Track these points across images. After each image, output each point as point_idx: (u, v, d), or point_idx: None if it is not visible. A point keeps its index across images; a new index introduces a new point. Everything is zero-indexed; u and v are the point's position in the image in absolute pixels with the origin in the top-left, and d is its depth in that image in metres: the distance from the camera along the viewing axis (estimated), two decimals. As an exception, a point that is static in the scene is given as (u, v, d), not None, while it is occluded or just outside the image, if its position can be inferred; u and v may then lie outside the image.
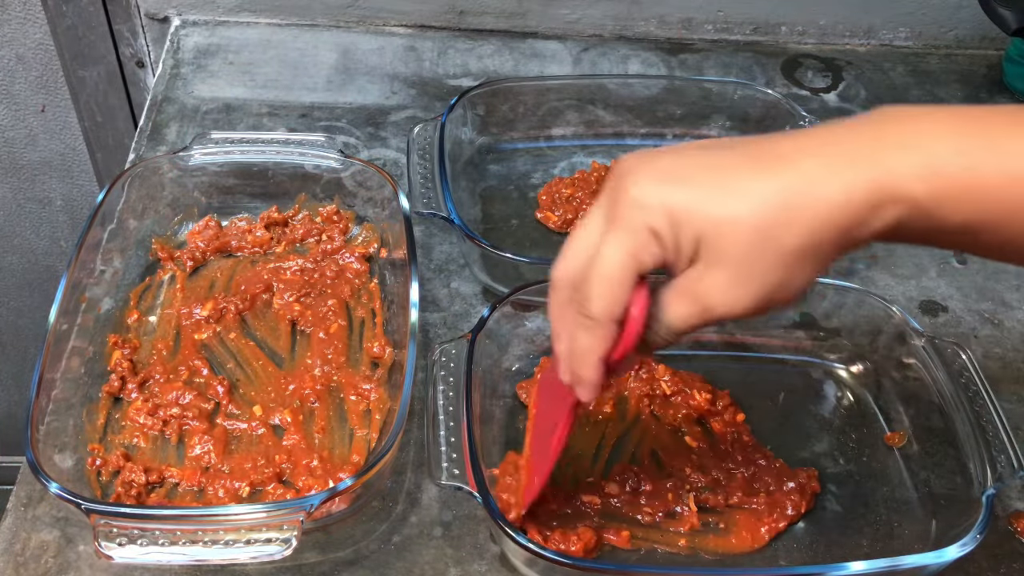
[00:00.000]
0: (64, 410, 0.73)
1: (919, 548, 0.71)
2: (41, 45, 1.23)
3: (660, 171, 0.51)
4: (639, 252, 0.51)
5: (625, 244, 0.51)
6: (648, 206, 0.50)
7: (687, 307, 0.52)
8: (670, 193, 0.50)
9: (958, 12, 1.22)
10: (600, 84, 1.06)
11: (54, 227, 1.43)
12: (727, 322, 0.53)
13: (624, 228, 0.51)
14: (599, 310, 0.53)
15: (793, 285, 0.50)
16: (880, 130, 0.49)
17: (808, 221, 0.48)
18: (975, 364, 0.75)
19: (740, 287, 0.50)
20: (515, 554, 0.67)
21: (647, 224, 0.50)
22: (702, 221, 0.49)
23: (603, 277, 0.52)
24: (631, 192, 0.51)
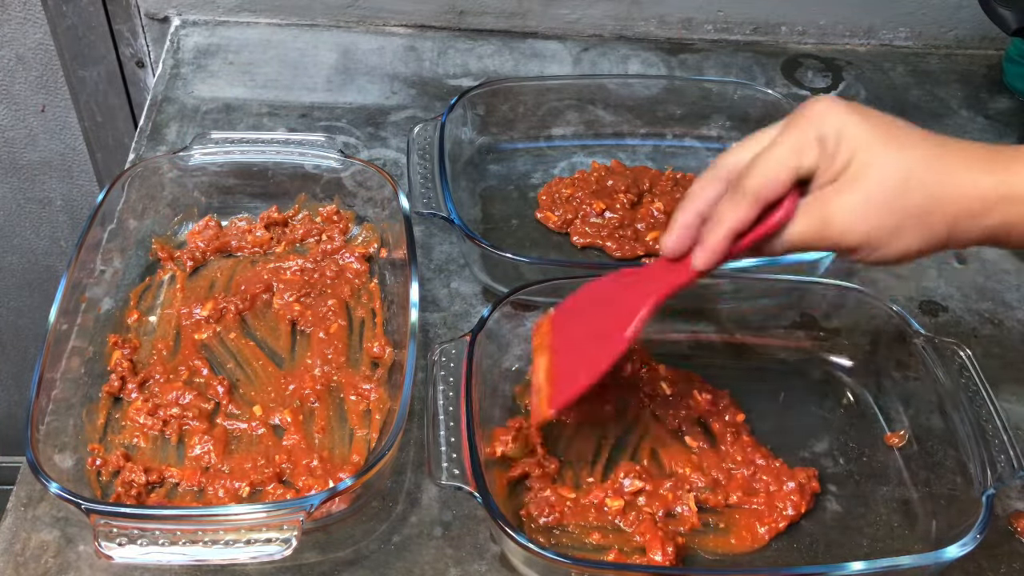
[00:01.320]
0: (64, 410, 0.73)
1: (919, 548, 0.71)
2: (41, 45, 1.23)
3: (849, 104, 0.60)
4: (802, 150, 0.59)
5: (793, 141, 0.59)
6: (824, 120, 0.58)
7: (810, 219, 0.59)
8: (847, 117, 0.58)
9: (958, 12, 1.22)
10: (600, 84, 1.06)
11: (54, 227, 1.43)
12: (836, 249, 0.61)
13: (797, 129, 0.59)
14: (752, 186, 0.60)
15: (897, 242, 0.58)
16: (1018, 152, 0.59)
17: (939, 189, 0.57)
18: (975, 364, 0.75)
19: (862, 214, 0.58)
20: (515, 554, 0.67)
21: (817, 130, 0.58)
22: (863, 147, 0.57)
23: (767, 160, 0.60)
24: (815, 108, 0.59)
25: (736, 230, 0.61)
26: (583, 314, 0.71)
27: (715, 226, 0.62)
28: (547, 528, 0.71)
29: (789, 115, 0.61)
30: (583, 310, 0.72)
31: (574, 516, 0.72)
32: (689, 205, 0.64)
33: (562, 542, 0.71)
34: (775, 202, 0.60)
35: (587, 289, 0.73)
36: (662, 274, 0.66)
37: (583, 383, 0.67)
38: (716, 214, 0.62)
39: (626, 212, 0.95)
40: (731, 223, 0.61)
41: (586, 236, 0.93)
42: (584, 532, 0.71)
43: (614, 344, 0.66)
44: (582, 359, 0.68)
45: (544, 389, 0.70)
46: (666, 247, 0.65)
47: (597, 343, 0.68)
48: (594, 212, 0.95)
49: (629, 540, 0.70)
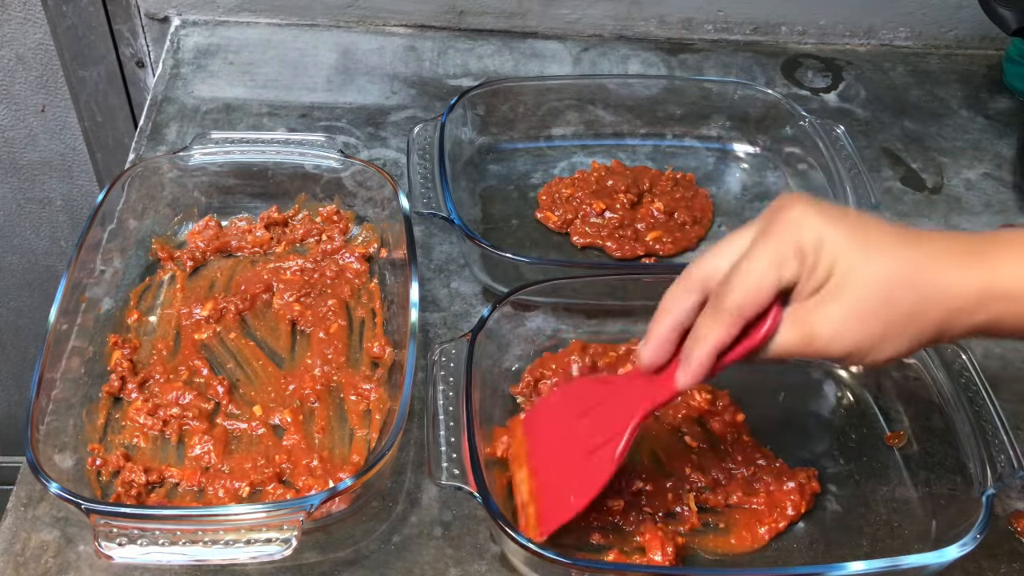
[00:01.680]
0: (64, 410, 0.73)
1: (919, 548, 0.71)
2: (41, 45, 1.23)
3: (823, 209, 0.58)
4: (781, 263, 0.57)
5: (772, 253, 0.57)
6: (802, 227, 0.57)
7: (794, 332, 0.58)
8: (825, 225, 0.57)
9: (958, 12, 1.22)
10: (600, 84, 1.06)
11: (54, 227, 1.43)
12: (820, 359, 0.61)
13: (775, 239, 0.57)
14: (734, 304, 0.58)
15: (886, 346, 0.57)
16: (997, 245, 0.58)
17: (924, 291, 0.56)
18: (975, 364, 0.75)
19: (848, 326, 0.56)
20: (515, 554, 0.67)
21: (796, 240, 0.57)
22: (843, 256, 0.56)
23: (748, 275, 0.58)
24: (792, 213, 0.57)
25: (719, 348, 0.59)
26: (559, 427, 0.69)
27: (697, 345, 0.60)
28: (547, 528, 0.71)
29: (762, 217, 0.60)
30: (558, 422, 0.70)
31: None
32: (665, 317, 0.62)
33: (562, 542, 0.71)
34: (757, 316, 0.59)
35: (560, 395, 0.72)
36: (643, 387, 0.64)
37: (574, 508, 0.66)
38: (697, 332, 0.60)
39: (626, 212, 0.95)
40: (714, 341, 0.59)
41: (586, 236, 0.93)
42: (584, 532, 0.71)
43: (603, 467, 0.65)
44: (568, 481, 0.67)
45: (530, 508, 0.69)
46: (643, 360, 0.63)
47: (583, 463, 0.66)
48: (594, 212, 0.95)
49: (629, 540, 0.70)
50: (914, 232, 0.58)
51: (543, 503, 0.68)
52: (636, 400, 0.64)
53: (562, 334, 0.83)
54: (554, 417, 0.71)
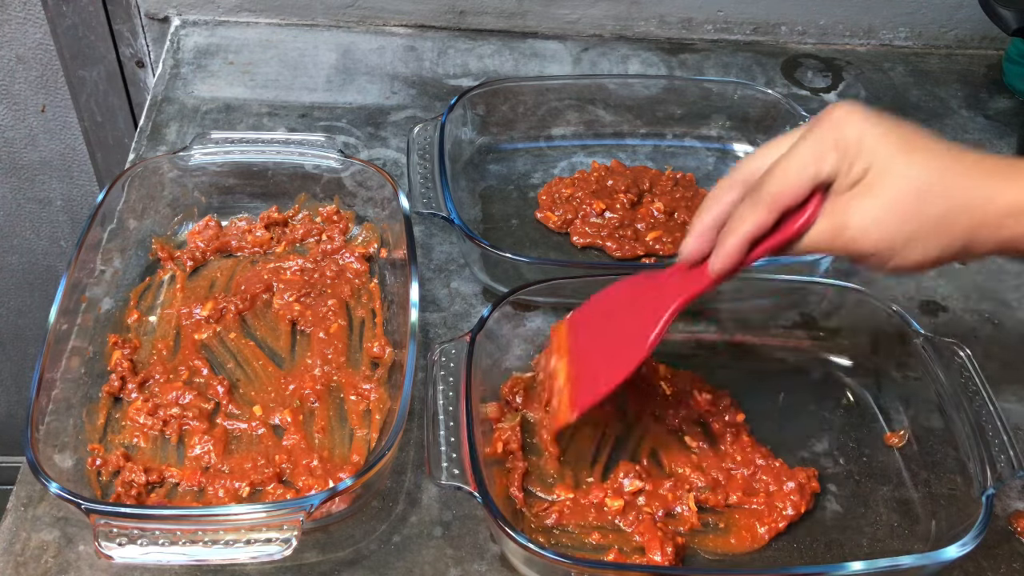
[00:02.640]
0: (64, 410, 0.73)
1: (919, 548, 0.71)
2: (41, 45, 1.23)
3: (866, 111, 0.60)
4: (821, 158, 0.59)
5: (812, 148, 0.59)
6: (844, 126, 0.59)
7: (827, 223, 0.59)
8: (867, 124, 0.59)
9: (958, 12, 1.22)
10: (600, 84, 1.06)
11: (54, 227, 1.43)
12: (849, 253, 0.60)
13: (816, 136, 0.59)
14: (771, 191, 0.60)
15: (912, 250, 0.59)
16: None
17: (956, 200, 0.57)
18: (975, 364, 0.75)
19: (878, 220, 0.58)
20: (515, 554, 0.67)
21: (837, 136, 0.59)
22: (882, 154, 0.58)
23: (786, 166, 0.60)
24: (836, 115, 0.59)
25: (753, 235, 0.61)
26: (602, 319, 0.72)
27: (731, 232, 0.62)
28: (547, 528, 0.71)
29: (809, 120, 0.62)
30: (601, 315, 0.72)
31: (574, 516, 0.72)
32: (706, 211, 0.64)
33: (562, 542, 0.71)
34: (795, 207, 0.60)
35: (604, 294, 0.74)
36: (680, 280, 0.66)
37: (605, 388, 0.68)
38: (732, 220, 0.62)
39: (626, 212, 0.95)
40: (748, 228, 0.61)
41: (586, 236, 0.93)
42: (584, 532, 0.71)
43: (636, 350, 0.67)
44: (603, 365, 0.69)
45: (565, 393, 0.71)
46: (683, 252, 0.66)
47: (618, 349, 0.68)
48: (594, 212, 0.95)
49: (629, 540, 0.70)
50: (953, 145, 0.60)
51: (576, 386, 0.70)
52: (674, 291, 0.66)
53: (562, 334, 0.83)
54: (597, 311, 0.73)
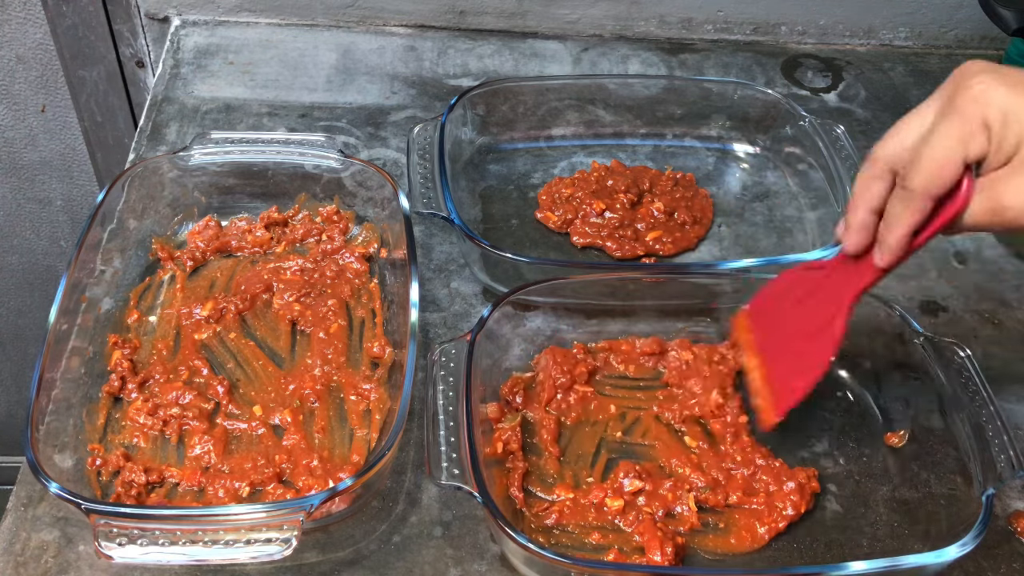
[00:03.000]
0: (64, 410, 0.73)
1: (919, 548, 0.71)
2: (41, 45, 1.23)
3: (1008, 79, 0.56)
4: (968, 139, 0.56)
5: (957, 129, 0.56)
6: (988, 102, 0.56)
7: (985, 204, 0.57)
8: (1011, 98, 0.55)
9: (958, 12, 1.22)
10: (600, 84, 1.06)
11: (54, 227, 1.43)
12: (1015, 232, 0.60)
13: (960, 116, 0.56)
14: (921, 184, 0.58)
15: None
16: None
17: None
18: (975, 364, 0.75)
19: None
20: (515, 554, 0.67)
21: (982, 116, 0.56)
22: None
23: (932, 155, 0.57)
24: (975, 88, 0.56)
25: (911, 229, 0.61)
26: (780, 314, 0.74)
27: (890, 228, 0.61)
28: (547, 528, 0.71)
29: (942, 90, 0.59)
30: (779, 309, 0.74)
31: (574, 516, 0.72)
32: (860, 204, 0.64)
33: (562, 542, 0.71)
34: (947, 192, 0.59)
35: (777, 286, 0.76)
36: (847, 273, 0.67)
37: (801, 390, 0.70)
38: (888, 216, 0.62)
39: (626, 212, 0.95)
40: (906, 224, 0.60)
41: (586, 236, 0.93)
42: (584, 532, 0.71)
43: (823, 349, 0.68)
44: (794, 364, 0.71)
45: (764, 394, 0.73)
46: (848, 247, 0.65)
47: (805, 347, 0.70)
48: (594, 212, 0.95)
49: (629, 540, 0.70)
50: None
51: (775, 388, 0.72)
52: (845, 285, 0.67)
53: (562, 334, 0.83)
54: (774, 306, 0.75)
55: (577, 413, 0.79)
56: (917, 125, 0.60)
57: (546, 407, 0.78)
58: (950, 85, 0.59)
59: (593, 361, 0.81)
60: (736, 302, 0.85)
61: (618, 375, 0.82)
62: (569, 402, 0.79)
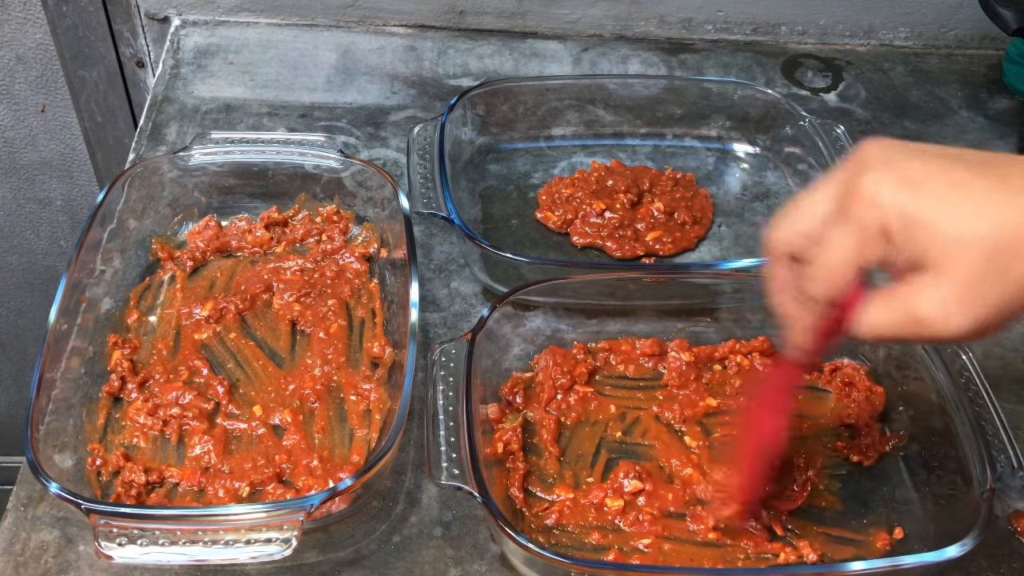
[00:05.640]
0: (64, 410, 0.73)
1: (919, 548, 0.71)
2: (41, 45, 1.23)
3: (902, 174, 0.51)
4: (865, 248, 0.52)
5: (853, 237, 0.52)
6: (884, 206, 0.51)
7: (895, 314, 0.52)
8: (909, 199, 0.50)
9: (958, 12, 1.22)
10: (600, 84, 1.06)
11: (54, 227, 1.43)
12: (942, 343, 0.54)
13: (856, 223, 0.52)
14: (817, 292, 0.56)
15: (1011, 314, 0.50)
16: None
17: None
18: (975, 364, 0.75)
19: (959, 305, 0.50)
20: (515, 554, 0.67)
21: (880, 222, 0.51)
22: (936, 233, 0.49)
23: (827, 265, 0.54)
24: (869, 188, 0.51)
25: (812, 331, 0.58)
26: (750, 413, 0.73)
27: (795, 331, 0.60)
28: (547, 528, 0.71)
29: (838, 177, 0.55)
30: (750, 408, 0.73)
31: (574, 516, 0.72)
32: (782, 300, 0.60)
33: (562, 542, 0.71)
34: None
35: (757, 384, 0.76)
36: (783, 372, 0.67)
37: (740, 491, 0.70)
38: (791, 318, 0.60)
39: (626, 212, 0.95)
40: (809, 327, 0.58)
41: (586, 236, 0.93)
42: (584, 532, 0.71)
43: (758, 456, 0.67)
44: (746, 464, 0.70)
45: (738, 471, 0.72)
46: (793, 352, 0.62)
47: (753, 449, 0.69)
48: (594, 212, 0.95)
49: (629, 540, 0.70)
50: (1014, 174, 0.50)
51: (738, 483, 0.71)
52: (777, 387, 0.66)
53: (562, 334, 0.83)
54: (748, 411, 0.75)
55: (577, 413, 0.79)
56: (811, 210, 0.56)
57: (546, 407, 0.78)
58: (847, 172, 0.54)
59: (593, 361, 0.82)
60: (737, 302, 0.85)
61: (618, 375, 0.82)
62: (569, 402, 0.79)
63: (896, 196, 0.51)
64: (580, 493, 0.73)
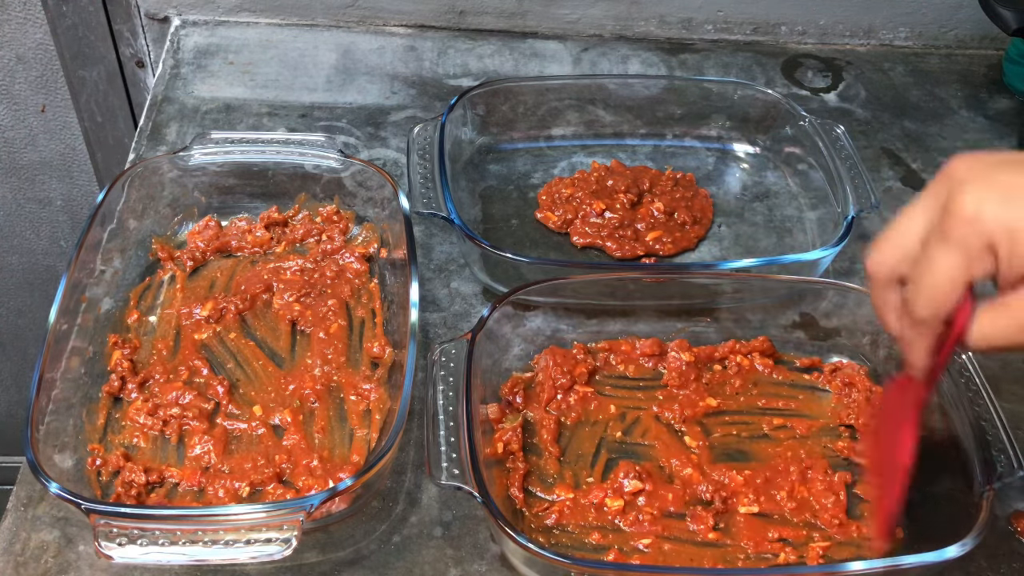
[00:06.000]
0: (64, 410, 0.73)
1: (919, 548, 0.71)
2: (41, 45, 1.23)
3: (1000, 186, 0.51)
4: (972, 265, 0.52)
5: (958, 257, 0.52)
6: (987, 221, 0.51)
7: (1009, 323, 0.53)
8: (1010, 209, 0.50)
9: (958, 12, 1.22)
10: (600, 84, 1.06)
11: (54, 227, 1.43)
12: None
13: (959, 241, 0.52)
14: (926, 312, 0.55)
15: None
16: None
17: None
18: (975, 364, 0.75)
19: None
20: (515, 554, 0.67)
21: (985, 239, 0.51)
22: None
23: (934, 286, 0.54)
24: (968, 206, 0.51)
25: (931, 348, 0.58)
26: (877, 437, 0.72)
27: (911, 352, 0.59)
28: (547, 528, 0.71)
29: (932, 195, 0.54)
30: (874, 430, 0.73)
31: (574, 516, 0.72)
32: (890, 321, 0.61)
33: (562, 542, 0.71)
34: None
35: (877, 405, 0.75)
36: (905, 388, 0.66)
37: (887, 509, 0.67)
38: (905, 341, 0.59)
39: (626, 212, 0.95)
40: (924, 347, 0.58)
41: (586, 236, 0.93)
42: (584, 532, 0.71)
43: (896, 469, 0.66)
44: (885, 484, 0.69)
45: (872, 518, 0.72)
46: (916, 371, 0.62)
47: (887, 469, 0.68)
48: (594, 212, 0.95)
49: (629, 540, 0.70)
50: None
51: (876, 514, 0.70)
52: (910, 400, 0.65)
53: (562, 334, 0.83)
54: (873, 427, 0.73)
55: (577, 413, 0.79)
56: (909, 233, 0.56)
57: (546, 407, 0.78)
58: (940, 190, 0.54)
59: (593, 361, 0.82)
60: (737, 302, 0.85)
61: (618, 375, 0.82)
62: (569, 402, 0.79)
63: (999, 211, 0.51)
64: (580, 493, 0.73)
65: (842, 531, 0.72)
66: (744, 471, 0.75)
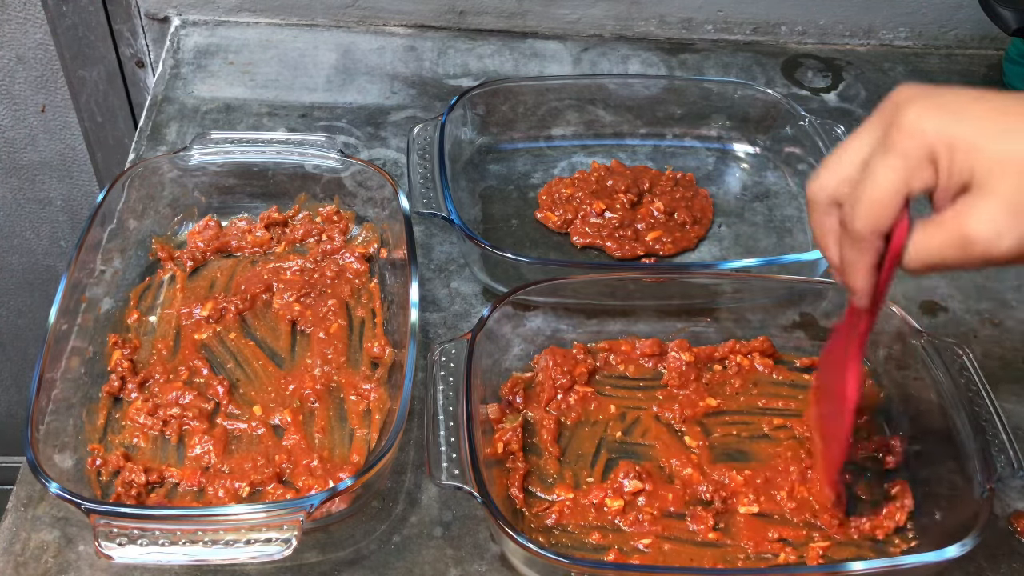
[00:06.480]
0: (64, 410, 0.73)
1: (919, 548, 0.71)
2: (41, 45, 1.23)
3: (942, 103, 0.53)
4: (911, 177, 0.53)
5: (899, 168, 0.53)
6: (928, 132, 0.52)
7: (944, 238, 0.53)
8: (951, 124, 0.52)
9: (958, 12, 1.22)
10: (600, 84, 1.06)
11: (54, 227, 1.43)
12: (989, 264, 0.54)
13: (899, 153, 0.53)
14: (866, 228, 0.55)
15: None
16: None
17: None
18: (975, 364, 0.75)
19: (1009, 219, 0.51)
20: (515, 554, 0.67)
21: (925, 149, 0.52)
22: (982, 153, 0.51)
23: (873, 198, 0.54)
24: (910, 118, 0.53)
25: (870, 267, 0.58)
26: (822, 386, 0.73)
27: (850, 273, 0.59)
28: (547, 528, 0.71)
29: (876, 118, 0.56)
30: (820, 378, 0.75)
31: (574, 516, 0.72)
32: (829, 253, 0.61)
33: (562, 542, 0.71)
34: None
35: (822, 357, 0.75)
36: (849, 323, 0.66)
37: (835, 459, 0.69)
38: (845, 262, 0.59)
39: (626, 212, 0.95)
40: (864, 264, 0.58)
41: (586, 236, 0.93)
42: (584, 532, 0.71)
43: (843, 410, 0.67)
44: (831, 432, 0.70)
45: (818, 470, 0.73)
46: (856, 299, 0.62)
47: (834, 412, 0.69)
48: (594, 212, 0.95)
49: (629, 540, 0.70)
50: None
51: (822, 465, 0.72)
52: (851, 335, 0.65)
53: (562, 334, 0.83)
54: (819, 376, 0.76)
55: (577, 413, 0.79)
56: (852, 156, 0.57)
57: (546, 407, 0.78)
58: (884, 113, 0.55)
59: (593, 361, 0.82)
60: (737, 302, 0.85)
61: (618, 375, 0.82)
62: (569, 402, 0.79)
63: (940, 125, 0.52)
64: (580, 493, 0.73)
65: (842, 531, 0.72)
66: (744, 471, 0.75)
